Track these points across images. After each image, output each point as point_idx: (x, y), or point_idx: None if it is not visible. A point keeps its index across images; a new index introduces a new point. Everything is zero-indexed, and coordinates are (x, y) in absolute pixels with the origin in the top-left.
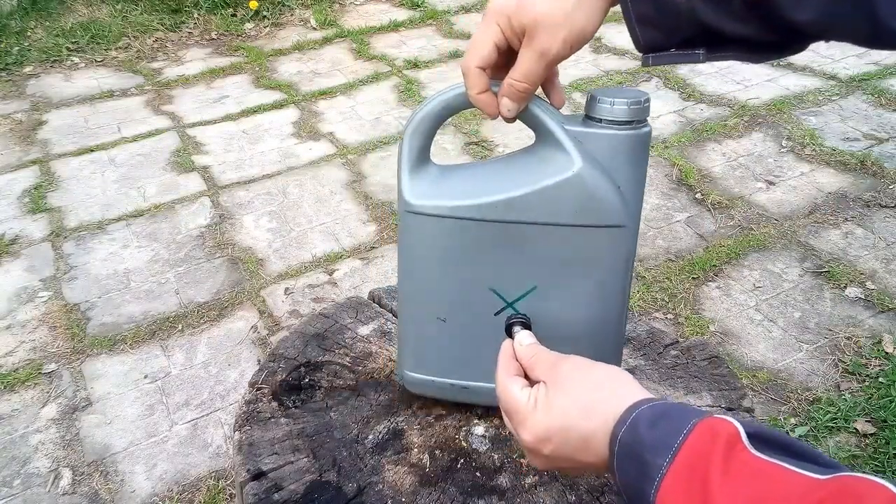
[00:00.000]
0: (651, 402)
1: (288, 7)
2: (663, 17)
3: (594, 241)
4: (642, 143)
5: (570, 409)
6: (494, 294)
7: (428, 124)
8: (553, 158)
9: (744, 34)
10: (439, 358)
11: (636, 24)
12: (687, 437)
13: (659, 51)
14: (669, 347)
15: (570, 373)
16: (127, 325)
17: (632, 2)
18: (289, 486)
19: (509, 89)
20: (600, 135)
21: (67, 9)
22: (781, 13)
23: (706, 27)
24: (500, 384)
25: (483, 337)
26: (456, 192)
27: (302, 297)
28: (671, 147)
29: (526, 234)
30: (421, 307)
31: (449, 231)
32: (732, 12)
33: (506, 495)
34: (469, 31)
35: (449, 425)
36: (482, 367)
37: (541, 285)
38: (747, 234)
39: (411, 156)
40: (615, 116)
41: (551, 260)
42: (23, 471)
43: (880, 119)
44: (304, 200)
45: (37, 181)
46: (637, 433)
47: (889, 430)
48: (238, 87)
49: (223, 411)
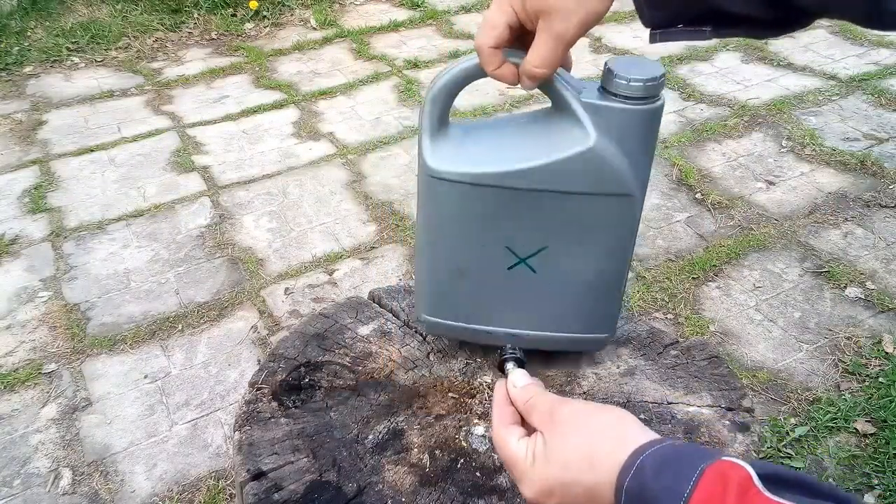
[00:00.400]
0: (655, 446)
1: (288, 7)
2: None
3: (604, 208)
4: (655, 117)
5: (571, 460)
6: (509, 251)
7: (448, 91)
8: (569, 131)
9: (748, 13)
10: (455, 304)
11: (644, 1)
12: (697, 484)
13: (666, 28)
14: (669, 347)
15: (569, 419)
16: (127, 325)
17: None
18: (289, 486)
19: (529, 72)
20: (615, 108)
21: (67, 9)
22: None
23: (712, 5)
24: (497, 435)
25: (496, 286)
26: (475, 159)
27: (302, 297)
28: (671, 147)
29: (541, 200)
30: (439, 260)
31: (468, 195)
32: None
33: (506, 495)
34: (469, 31)
35: (449, 425)
36: (494, 313)
37: (552, 246)
38: (747, 234)
39: (432, 120)
40: (631, 93)
41: (563, 224)
42: (23, 471)
43: (880, 119)
44: (304, 200)
45: (37, 181)
46: (643, 481)
47: (889, 430)
48: (238, 87)
49: (223, 411)
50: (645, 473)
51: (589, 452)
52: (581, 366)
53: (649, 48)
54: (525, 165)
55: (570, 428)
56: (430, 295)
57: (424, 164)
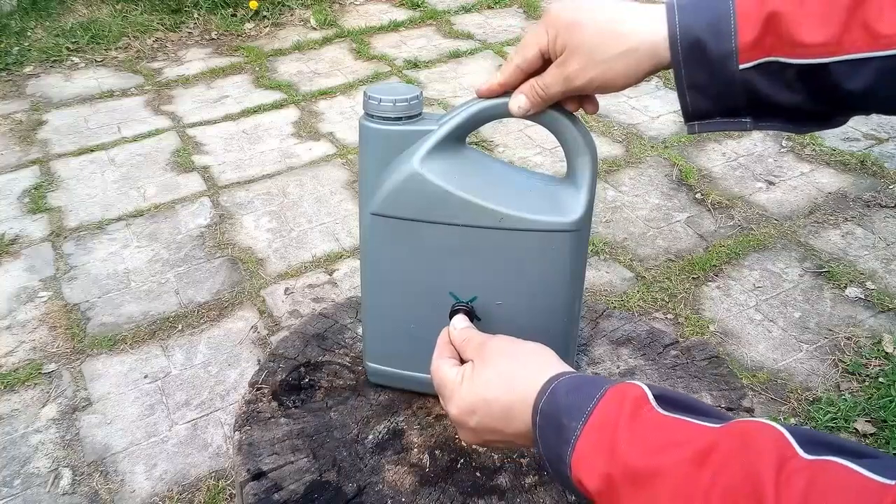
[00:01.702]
0: (570, 374)
1: (288, 7)
2: (716, 84)
3: (543, 245)
4: None
5: (493, 381)
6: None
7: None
8: None
9: (792, 103)
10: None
11: (687, 90)
12: (599, 401)
13: (705, 118)
14: (669, 347)
15: (496, 348)
16: (127, 325)
17: (685, 68)
18: (289, 486)
19: (529, 89)
20: None
21: (67, 9)
22: (835, 82)
23: (756, 95)
24: (434, 366)
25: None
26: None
27: (302, 297)
28: (671, 147)
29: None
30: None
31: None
32: (786, 81)
33: (506, 495)
34: (469, 30)
35: (449, 425)
36: None
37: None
38: (747, 234)
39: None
40: None
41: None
42: (23, 471)
43: (880, 119)
44: (304, 200)
45: (37, 181)
46: (555, 401)
47: (889, 430)
48: (238, 87)
49: (223, 411)
50: (557, 396)
51: (510, 376)
52: (581, 367)
53: None
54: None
55: (497, 355)
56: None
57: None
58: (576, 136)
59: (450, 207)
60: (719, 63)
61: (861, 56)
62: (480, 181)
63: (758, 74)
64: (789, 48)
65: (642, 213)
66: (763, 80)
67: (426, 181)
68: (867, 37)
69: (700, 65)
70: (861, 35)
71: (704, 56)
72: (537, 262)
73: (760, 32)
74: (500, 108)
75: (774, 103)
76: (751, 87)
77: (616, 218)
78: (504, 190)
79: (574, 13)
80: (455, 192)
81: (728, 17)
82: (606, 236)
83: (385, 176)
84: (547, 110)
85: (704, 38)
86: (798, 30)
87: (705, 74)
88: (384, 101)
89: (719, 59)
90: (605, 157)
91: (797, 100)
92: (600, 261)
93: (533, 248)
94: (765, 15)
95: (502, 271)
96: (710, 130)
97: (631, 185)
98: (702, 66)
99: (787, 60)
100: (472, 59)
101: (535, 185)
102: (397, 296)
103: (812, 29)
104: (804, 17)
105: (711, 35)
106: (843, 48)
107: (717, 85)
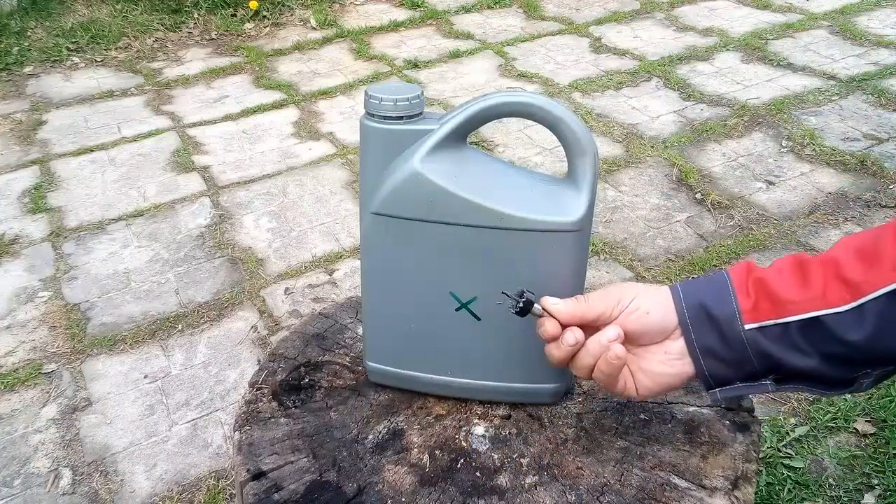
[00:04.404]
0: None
1: (288, 7)
2: (728, 348)
3: (544, 245)
4: None
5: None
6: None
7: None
8: None
9: (807, 367)
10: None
11: (701, 356)
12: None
13: (723, 384)
14: None
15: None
16: (127, 325)
17: (695, 334)
18: (289, 486)
19: (545, 302)
20: None
21: (67, 9)
22: (836, 334)
23: (770, 360)
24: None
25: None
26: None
27: (302, 297)
28: (671, 147)
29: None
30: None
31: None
32: (793, 343)
33: (506, 495)
34: (469, 30)
35: (449, 425)
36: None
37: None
38: (747, 234)
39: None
40: None
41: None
42: (23, 471)
43: (880, 119)
44: (304, 200)
45: (37, 181)
46: (687, 287)
47: (889, 430)
48: (238, 87)
49: (223, 411)
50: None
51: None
52: None
53: (648, 48)
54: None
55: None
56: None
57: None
58: (576, 137)
59: (450, 207)
60: (727, 324)
61: (846, 308)
62: (481, 181)
63: (765, 339)
64: (780, 307)
65: (642, 213)
66: (772, 344)
67: (427, 181)
68: (844, 288)
69: (707, 326)
70: (838, 287)
71: (711, 317)
72: (538, 262)
73: (755, 297)
74: (500, 108)
75: (791, 368)
76: (762, 351)
77: (616, 218)
78: (505, 190)
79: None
80: (456, 192)
81: (725, 283)
82: (606, 236)
83: (386, 175)
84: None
85: (707, 303)
86: (779, 288)
87: (715, 336)
88: (385, 100)
89: (726, 320)
90: (605, 157)
91: (811, 364)
92: (600, 261)
93: (533, 248)
94: (753, 280)
95: (503, 271)
96: (732, 395)
97: (631, 185)
98: (710, 328)
99: (784, 320)
100: (472, 59)
101: (536, 185)
102: (397, 295)
103: (790, 288)
104: (782, 279)
105: (714, 300)
106: (827, 302)
107: (729, 349)
